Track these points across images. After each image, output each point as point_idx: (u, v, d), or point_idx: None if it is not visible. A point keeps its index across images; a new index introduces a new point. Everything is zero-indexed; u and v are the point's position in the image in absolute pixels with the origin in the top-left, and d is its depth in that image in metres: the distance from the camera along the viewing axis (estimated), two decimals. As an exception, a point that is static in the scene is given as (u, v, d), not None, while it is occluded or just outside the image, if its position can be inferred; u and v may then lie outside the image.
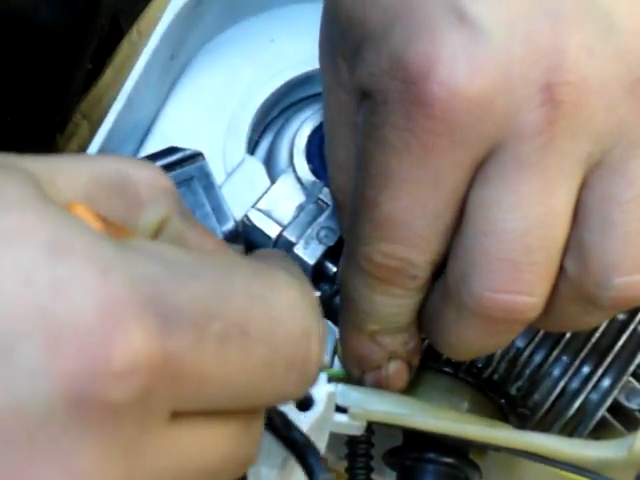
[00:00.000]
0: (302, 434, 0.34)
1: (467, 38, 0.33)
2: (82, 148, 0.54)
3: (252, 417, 0.29)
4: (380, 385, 0.41)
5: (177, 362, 0.25)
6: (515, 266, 0.35)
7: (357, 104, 0.38)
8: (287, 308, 0.28)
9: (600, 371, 0.43)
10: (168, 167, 0.42)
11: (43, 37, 0.55)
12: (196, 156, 0.43)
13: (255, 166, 0.46)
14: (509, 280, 0.35)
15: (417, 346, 0.41)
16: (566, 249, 0.36)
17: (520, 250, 0.35)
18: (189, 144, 0.44)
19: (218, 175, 0.45)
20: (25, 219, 0.24)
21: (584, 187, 0.35)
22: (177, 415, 0.26)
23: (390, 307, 0.38)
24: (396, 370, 0.41)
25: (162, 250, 0.26)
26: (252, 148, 0.49)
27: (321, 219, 0.44)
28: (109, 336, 0.23)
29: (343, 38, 0.38)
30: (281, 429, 0.34)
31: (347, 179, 0.39)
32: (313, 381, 0.29)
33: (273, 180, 0.46)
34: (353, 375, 0.41)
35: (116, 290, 0.24)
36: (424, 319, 0.39)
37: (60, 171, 0.28)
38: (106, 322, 0.24)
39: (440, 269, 0.37)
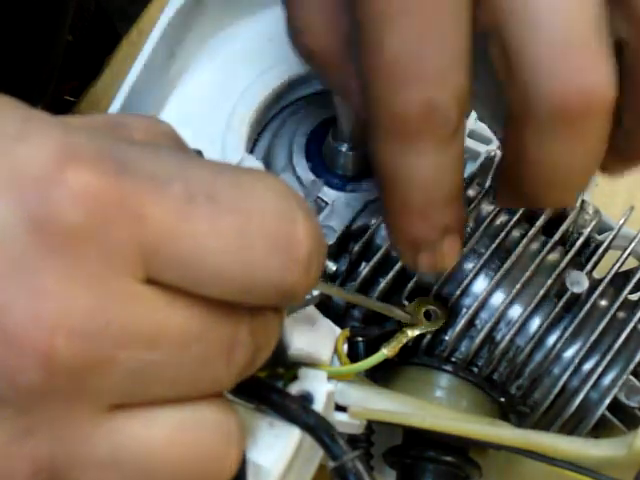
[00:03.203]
0: (319, 417, 0.34)
1: None
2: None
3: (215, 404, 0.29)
4: (435, 266, 0.38)
5: (135, 202, 0.26)
6: (566, 44, 0.32)
7: None
8: (261, 188, 0.28)
9: (600, 369, 0.42)
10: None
11: (11, 10, 0.54)
12: (195, 154, 0.43)
13: (254, 165, 0.46)
14: (568, 63, 0.32)
15: (464, 216, 0.39)
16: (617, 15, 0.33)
17: (567, 28, 0.32)
18: (188, 142, 0.44)
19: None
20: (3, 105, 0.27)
21: None
22: (150, 282, 0.27)
23: (428, 169, 0.35)
24: (450, 246, 0.38)
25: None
26: (251, 147, 0.49)
27: (320, 218, 0.44)
28: (65, 168, 0.25)
29: None
30: (295, 414, 0.34)
31: (326, 18, 0.36)
32: (303, 270, 0.28)
33: (272, 179, 0.46)
34: (406, 261, 0.39)
35: (75, 139, 0.26)
36: (511, 171, 0.36)
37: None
38: (63, 160, 0.25)
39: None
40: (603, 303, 0.44)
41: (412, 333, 0.42)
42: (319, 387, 0.37)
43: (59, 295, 0.25)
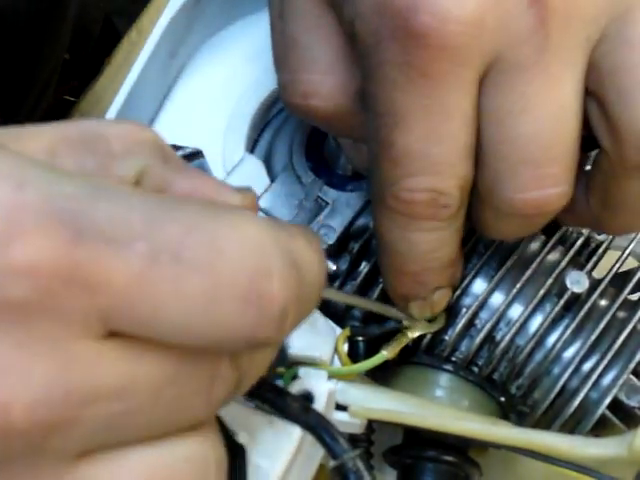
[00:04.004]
0: (319, 416, 0.34)
1: None
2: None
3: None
4: (424, 311, 0.41)
5: (90, 269, 0.24)
6: (537, 165, 0.36)
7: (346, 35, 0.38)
8: (237, 241, 0.26)
9: (600, 369, 0.43)
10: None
11: (4, 24, 0.54)
12: (196, 154, 0.43)
13: (254, 164, 0.46)
14: (534, 179, 0.36)
15: (461, 271, 0.42)
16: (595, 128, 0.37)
17: (538, 150, 0.36)
18: (189, 142, 0.44)
19: (217, 173, 0.45)
20: None
21: (592, 67, 0.36)
22: (112, 335, 0.25)
23: (427, 244, 0.38)
24: (440, 297, 0.41)
25: (102, 181, 0.26)
26: (251, 146, 0.49)
27: (320, 217, 0.44)
28: (12, 238, 0.24)
29: None
30: (295, 413, 0.34)
31: (336, 80, 0.38)
32: (275, 325, 0.26)
33: (272, 178, 0.46)
34: (398, 305, 0.42)
35: (29, 199, 0.24)
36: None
37: (24, 133, 0.28)
38: (12, 227, 0.24)
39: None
40: (603, 303, 0.44)
41: (412, 334, 0.42)
42: (320, 386, 0.37)
43: (13, 369, 0.24)
